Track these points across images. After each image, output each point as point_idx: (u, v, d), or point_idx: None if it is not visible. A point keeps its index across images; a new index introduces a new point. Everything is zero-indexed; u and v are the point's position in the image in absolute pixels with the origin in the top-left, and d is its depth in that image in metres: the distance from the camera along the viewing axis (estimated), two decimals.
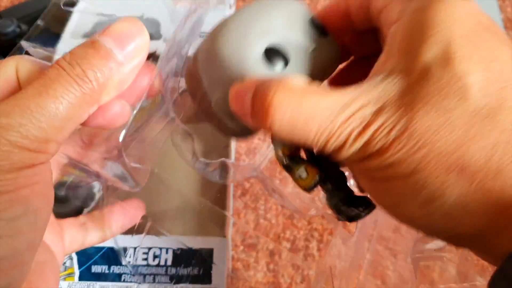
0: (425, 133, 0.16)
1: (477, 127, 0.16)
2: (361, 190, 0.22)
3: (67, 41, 0.40)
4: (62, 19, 0.44)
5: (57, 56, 0.38)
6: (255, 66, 0.20)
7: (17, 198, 0.17)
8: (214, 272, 0.30)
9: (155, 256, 0.30)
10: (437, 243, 0.33)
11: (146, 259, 0.30)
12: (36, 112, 0.17)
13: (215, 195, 0.34)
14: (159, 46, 0.39)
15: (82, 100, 0.18)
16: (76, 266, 0.31)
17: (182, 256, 0.30)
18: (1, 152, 0.16)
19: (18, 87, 0.19)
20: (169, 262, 0.30)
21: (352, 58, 0.25)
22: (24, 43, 0.40)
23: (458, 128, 0.16)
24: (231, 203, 0.36)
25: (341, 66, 0.25)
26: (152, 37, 0.41)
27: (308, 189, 0.22)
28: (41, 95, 0.17)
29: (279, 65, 0.21)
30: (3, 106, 0.17)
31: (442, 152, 0.16)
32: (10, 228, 0.17)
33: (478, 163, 0.16)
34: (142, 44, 0.20)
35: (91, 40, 0.18)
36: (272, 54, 0.21)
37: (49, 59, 0.39)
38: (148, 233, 0.30)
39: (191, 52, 0.25)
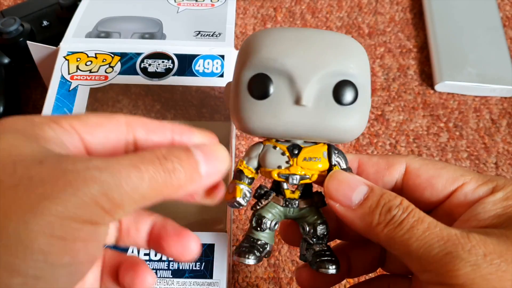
0: None
1: None
2: None
3: (70, 41, 0.40)
4: (64, 18, 0.45)
5: (60, 55, 0.39)
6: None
7: (69, 247, 0.18)
8: (215, 267, 0.30)
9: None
10: None
11: (148, 254, 0.31)
12: (124, 178, 0.18)
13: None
14: (163, 46, 0.40)
15: (161, 188, 0.20)
16: None
17: None
18: (79, 201, 0.17)
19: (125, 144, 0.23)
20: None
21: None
22: (28, 42, 0.40)
23: None
24: None
25: None
26: (155, 37, 0.41)
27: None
28: (134, 167, 0.19)
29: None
30: (100, 162, 0.18)
31: None
32: (51, 273, 0.18)
33: None
34: (221, 170, 0.22)
35: (186, 147, 0.22)
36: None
37: (53, 57, 0.39)
38: None
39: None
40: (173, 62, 0.39)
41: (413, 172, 0.25)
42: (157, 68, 0.38)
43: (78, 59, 0.39)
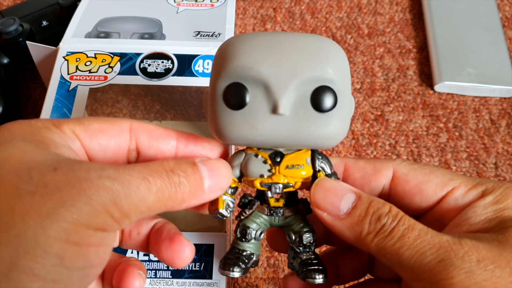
0: None
1: None
2: None
3: (69, 41, 0.40)
4: (64, 18, 0.45)
5: (59, 55, 0.39)
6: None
7: (83, 252, 0.18)
8: (215, 268, 0.30)
9: None
10: None
11: (147, 254, 0.31)
12: (133, 190, 0.19)
13: None
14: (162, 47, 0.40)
15: (166, 201, 0.20)
16: None
17: None
18: (92, 209, 0.18)
19: (128, 147, 0.23)
20: None
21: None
22: (28, 42, 0.40)
23: None
24: None
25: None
26: (155, 37, 0.41)
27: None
28: (143, 179, 0.19)
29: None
30: (112, 171, 0.19)
31: None
32: (67, 276, 0.18)
33: None
34: (223, 187, 0.23)
35: (193, 161, 0.22)
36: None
37: (52, 57, 0.39)
38: None
39: None
40: (172, 63, 0.39)
41: (401, 178, 0.25)
42: (156, 68, 0.38)
43: (78, 59, 0.39)
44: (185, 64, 0.39)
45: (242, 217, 0.25)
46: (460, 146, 0.46)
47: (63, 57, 0.39)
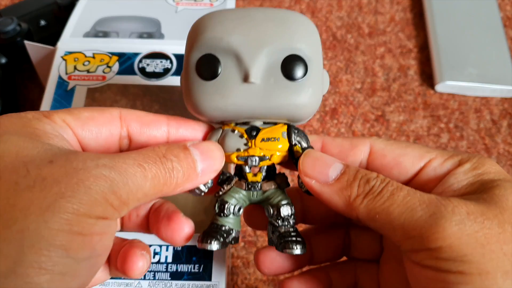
0: None
1: None
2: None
3: (67, 40, 0.40)
4: (62, 18, 0.44)
5: (57, 55, 0.38)
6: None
7: (88, 242, 0.19)
8: (214, 269, 0.30)
9: (155, 253, 0.30)
10: None
11: None
12: (130, 177, 0.19)
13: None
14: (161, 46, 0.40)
15: (161, 187, 0.21)
16: None
17: (182, 253, 0.31)
18: (91, 198, 0.18)
19: (119, 134, 0.23)
20: (169, 259, 0.30)
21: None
22: (26, 42, 0.40)
23: None
24: None
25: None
26: (153, 36, 0.41)
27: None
28: (139, 166, 0.20)
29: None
30: (108, 160, 0.19)
31: None
32: (75, 268, 0.18)
33: None
34: (216, 169, 0.23)
35: (184, 145, 0.22)
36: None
37: (50, 57, 0.39)
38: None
39: None
40: (171, 62, 0.38)
41: (379, 153, 0.25)
42: (155, 68, 0.38)
43: (76, 59, 0.38)
44: None
45: (221, 193, 0.25)
46: (461, 146, 0.45)
47: (61, 57, 0.38)
